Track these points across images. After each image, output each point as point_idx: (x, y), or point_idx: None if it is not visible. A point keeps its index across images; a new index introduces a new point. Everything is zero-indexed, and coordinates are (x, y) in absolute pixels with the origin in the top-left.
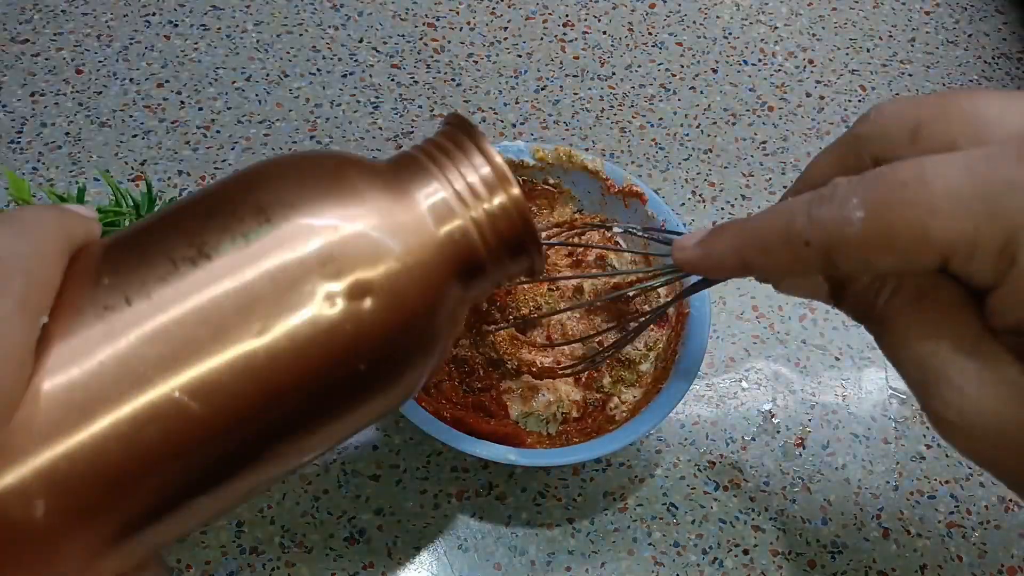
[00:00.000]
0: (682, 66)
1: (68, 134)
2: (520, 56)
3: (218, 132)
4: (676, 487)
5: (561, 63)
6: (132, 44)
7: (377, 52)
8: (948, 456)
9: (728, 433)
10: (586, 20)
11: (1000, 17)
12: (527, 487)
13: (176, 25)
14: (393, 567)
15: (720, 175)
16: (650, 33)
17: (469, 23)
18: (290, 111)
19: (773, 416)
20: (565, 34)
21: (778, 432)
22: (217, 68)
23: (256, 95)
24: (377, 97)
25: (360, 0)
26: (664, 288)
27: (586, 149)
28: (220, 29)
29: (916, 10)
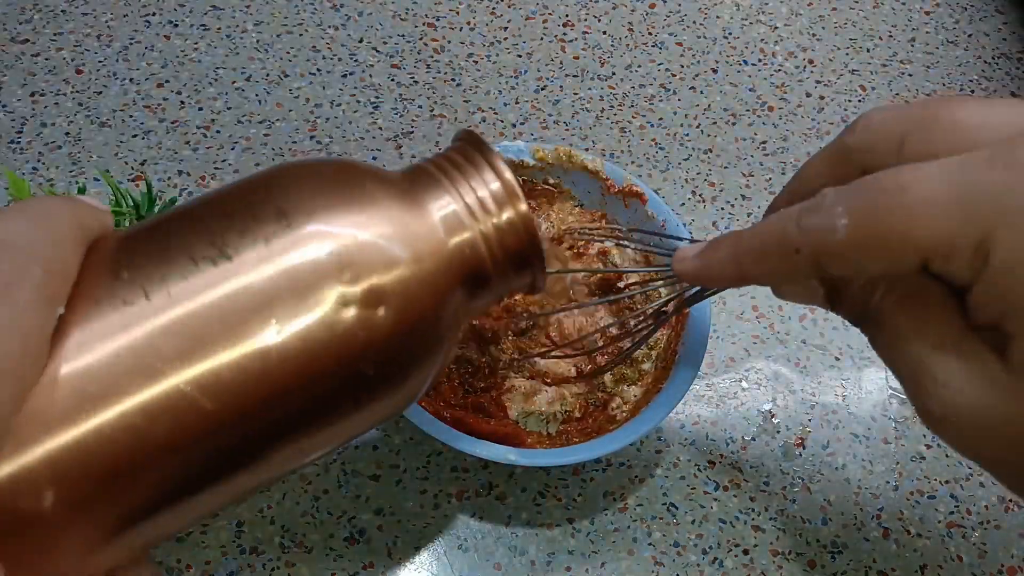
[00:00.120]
0: (682, 66)
1: (68, 134)
2: (520, 56)
3: (218, 132)
4: (676, 487)
5: (561, 63)
6: (132, 44)
7: (377, 52)
8: (948, 456)
9: (728, 433)
10: (586, 20)
11: (1000, 17)
12: (527, 487)
13: (176, 25)
14: (393, 567)
15: (720, 175)
16: (650, 33)
17: (469, 23)
18: (290, 111)
19: (773, 416)
20: (565, 34)
21: (778, 432)
22: (217, 68)
23: (256, 95)
24: (377, 97)
25: (360, 0)
26: (665, 288)
27: (586, 149)
28: (220, 29)
29: (916, 10)
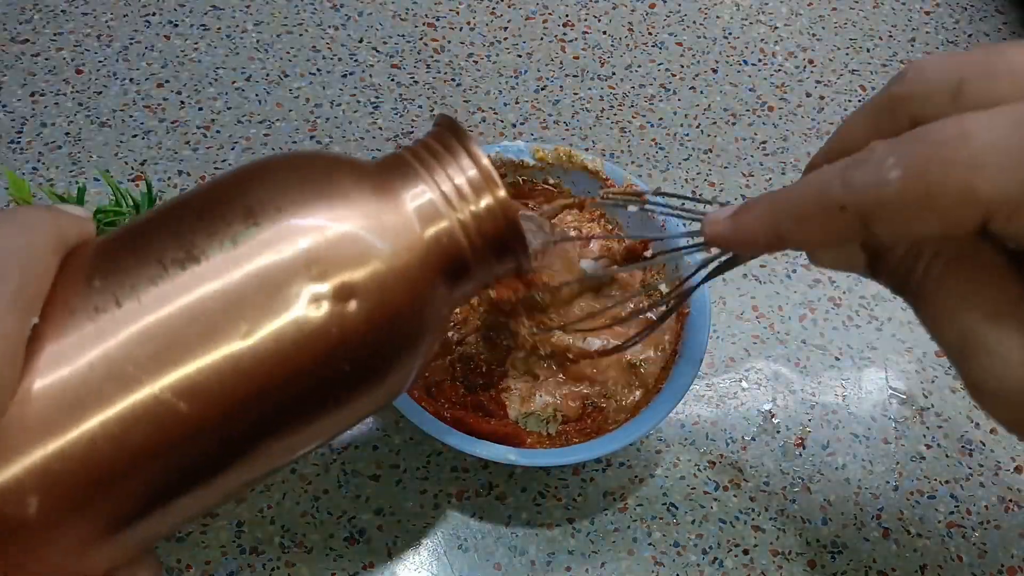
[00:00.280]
0: (682, 66)
1: (68, 134)
2: (520, 56)
3: (218, 132)
4: (676, 487)
5: (561, 63)
6: (132, 44)
7: (377, 52)
8: (948, 456)
9: (728, 433)
10: (586, 20)
11: (1000, 17)
12: (527, 487)
13: (176, 25)
14: (393, 567)
15: (720, 175)
16: (650, 33)
17: (469, 23)
18: (290, 111)
19: (773, 416)
20: (565, 34)
21: (778, 432)
22: (217, 68)
23: (256, 95)
24: (377, 97)
25: (360, 0)
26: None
27: (586, 149)
28: (220, 29)
29: (916, 10)
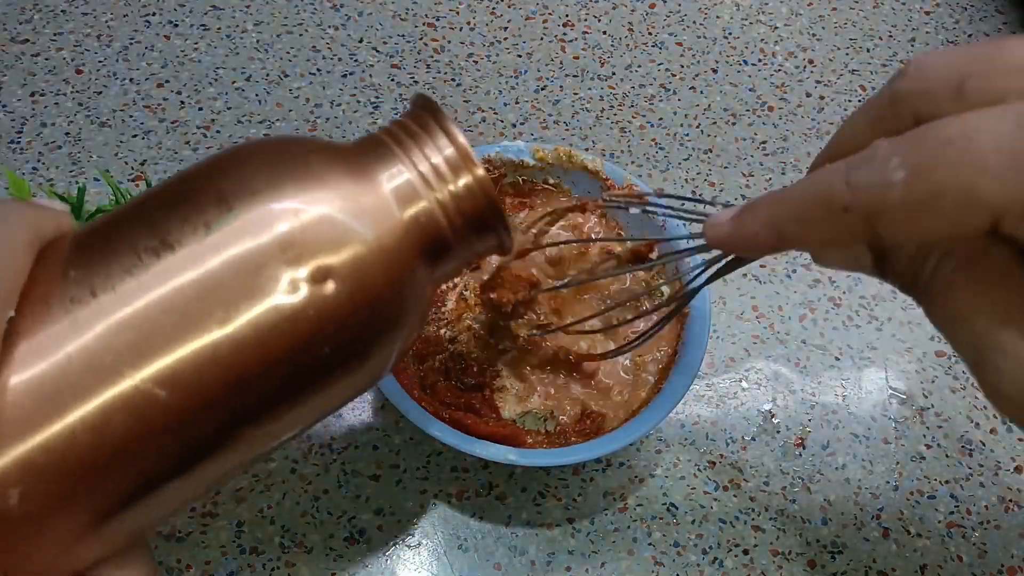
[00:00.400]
0: (682, 66)
1: (68, 134)
2: (520, 56)
3: (218, 132)
4: (676, 487)
5: (561, 63)
6: (132, 44)
7: (377, 52)
8: (948, 456)
9: (728, 433)
10: (586, 20)
11: (1000, 17)
12: (527, 487)
13: (176, 25)
14: (393, 567)
15: (720, 175)
16: (650, 33)
17: (469, 23)
18: (290, 111)
19: (773, 416)
20: (565, 34)
21: (778, 432)
22: (217, 68)
23: (256, 95)
24: (377, 97)
25: (360, 0)
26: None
27: (586, 149)
28: (220, 29)
29: (916, 10)
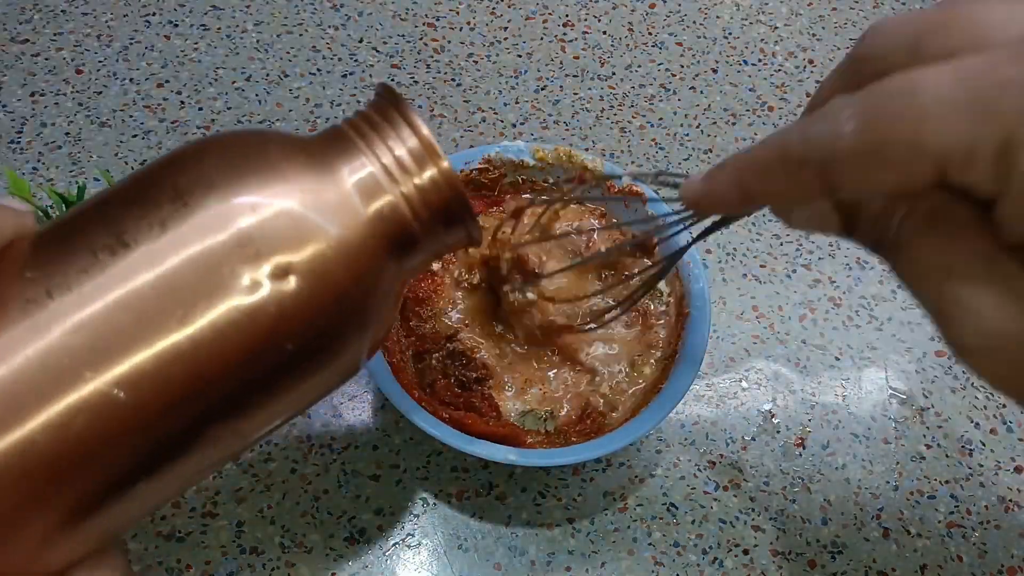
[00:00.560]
0: (682, 66)
1: (68, 134)
2: (520, 56)
3: (218, 132)
4: (676, 487)
5: (561, 63)
6: (132, 44)
7: (377, 52)
8: (948, 456)
9: (728, 433)
10: (586, 20)
11: None
12: (527, 487)
13: (176, 25)
14: (393, 567)
15: None
16: (650, 33)
17: (469, 23)
18: (290, 111)
19: (773, 416)
20: (565, 34)
21: (778, 432)
22: (217, 68)
23: (256, 95)
24: None
25: (360, 0)
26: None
27: (586, 149)
28: (220, 29)
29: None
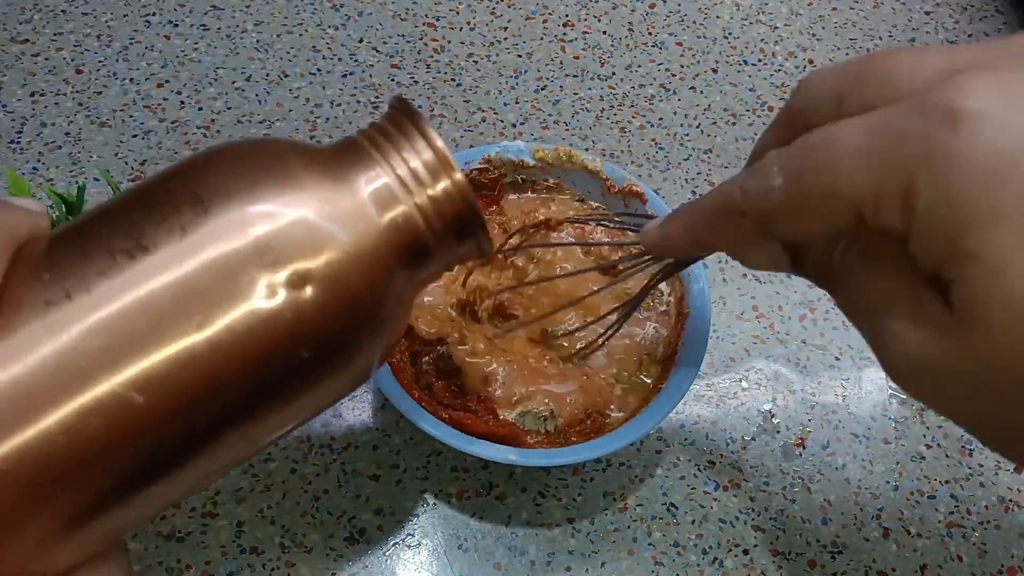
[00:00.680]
0: (682, 66)
1: (68, 134)
2: (520, 56)
3: (218, 132)
4: (676, 487)
5: (561, 63)
6: (132, 44)
7: (377, 52)
8: (948, 456)
9: (728, 433)
10: (586, 20)
11: (1000, 17)
12: (527, 487)
13: (176, 25)
14: (393, 567)
15: (720, 175)
16: (650, 33)
17: (469, 23)
18: (290, 111)
19: (773, 416)
20: (565, 34)
21: (778, 432)
22: (217, 68)
23: (256, 95)
24: (377, 97)
25: (360, 0)
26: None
27: (586, 149)
28: (220, 29)
29: (916, 10)
